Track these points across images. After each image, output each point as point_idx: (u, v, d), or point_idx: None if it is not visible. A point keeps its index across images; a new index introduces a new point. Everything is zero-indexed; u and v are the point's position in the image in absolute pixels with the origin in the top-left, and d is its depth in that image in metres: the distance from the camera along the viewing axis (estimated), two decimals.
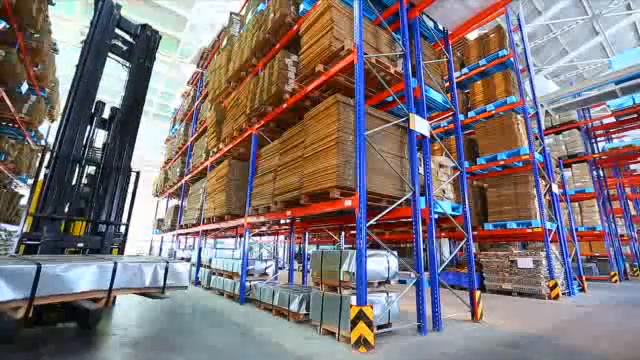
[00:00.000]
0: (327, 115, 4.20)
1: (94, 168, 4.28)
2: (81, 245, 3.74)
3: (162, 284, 3.02)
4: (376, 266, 3.80)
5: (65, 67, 15.32)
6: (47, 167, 3.73)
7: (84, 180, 4.13)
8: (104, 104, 4.45)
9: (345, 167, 3.85)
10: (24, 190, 12.48)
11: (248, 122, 6.58)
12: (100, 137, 4.53)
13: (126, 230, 4.38)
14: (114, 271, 2.68)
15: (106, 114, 4.59)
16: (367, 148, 3.88)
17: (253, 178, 6.22)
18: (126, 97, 4.65)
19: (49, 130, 14.42)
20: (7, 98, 8.14)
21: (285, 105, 5.51)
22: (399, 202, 4.08)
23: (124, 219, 4.41)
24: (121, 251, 4.19)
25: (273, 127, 6.34)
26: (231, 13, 9.65)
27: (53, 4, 8.98)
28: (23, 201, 12.18)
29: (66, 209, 3.82)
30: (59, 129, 3.91)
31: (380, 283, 3.89)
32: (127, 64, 4.95)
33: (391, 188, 4.24)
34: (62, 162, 3.79)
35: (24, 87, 8.63)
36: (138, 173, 4.65)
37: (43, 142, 13.32)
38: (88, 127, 4.19)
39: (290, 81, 5.49)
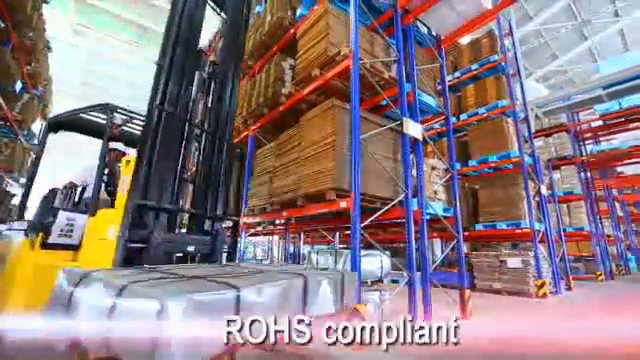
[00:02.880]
0: (323, 118, 4.32)
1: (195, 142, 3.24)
2: (191, 249, 2.76)
3: (340, 306, 2.09)
4: (370, 266, 3.93)
5: (58, 66, 15.16)
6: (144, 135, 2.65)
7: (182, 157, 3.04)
8: (206, 54, 3.35)
9: (341, 169, 3.96)
10: (15, 189, 12.35)
11: (244, 123, 6.66)
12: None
13: (235, 227, 3.29)
14: (305, 293, 1.79)
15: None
16: (362, 151, 4.00)
17: (249, 179, 6.31)
18: (224, 54, 3.57)
19: (41, 128, 14.30)
20: (0, 97, 8.09)
21: (282, 108, 5.61)
22: (392, 203, 4.21)
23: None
24: (232, 256, 3.18)
25: (270, 128, 6.43)
26: None
27: (47, 2, 8.93)
28: (15, 200, 12.06)
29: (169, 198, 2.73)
30: (156, 87, 2.72)
31: (373, 282, 4.02)
32: (222, 15, 3.89)
33: (385, 190, 4.36)
34: (168, 129, 2.67)
35: (18, 85, 8.57)
36: (242, 150, 3.70)
37: (36, 141, 13.21)
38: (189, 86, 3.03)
39: (287, 84, 5.60)
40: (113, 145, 3.42)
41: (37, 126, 13.65)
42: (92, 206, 2.54)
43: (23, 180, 12.14)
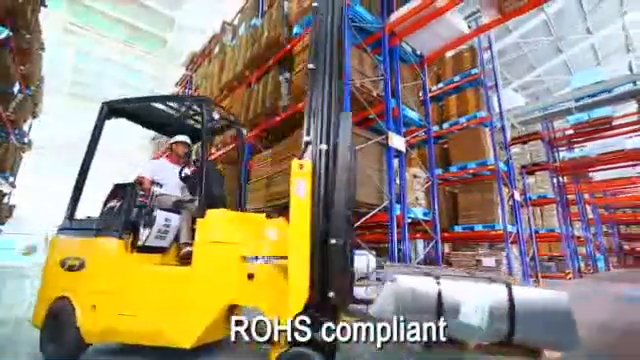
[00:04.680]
0: None
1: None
2: None
3: None
4: (357, 264, 4.41)
5: (49, 64, 15.13)
6: (307, 134, 2.35)
7: None
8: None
9: None
10: (7, 189, 12.33)
11: None
12: None
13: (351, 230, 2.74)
14: None
15: None
16: None
17: (245, 184, 6.71)
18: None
19: (31, 126, 14.25)
20: None
21: (278, 118, 6.05)
22: (377, 209, 4.73)
23: None
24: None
25: (266, 136, 6.87)
26: (223, 22, 10.04)
27: (45, 6, 9.08)
28: (5, 199, 12.06)
29: None
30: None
31: (361, 278, 4.52)
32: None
33: (371, 196, 4.87)
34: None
35: (15, 87, 8.71)
36: (355, 150, 3.03)
37: (26, 139, 13.21)
38: None
39: (283, 97, 6.04)
40: (180, 138, 3.38)
41: (27, 126, 13.63)
42: (201, 206, 2.39)
43: (12, 179, 12.15)
